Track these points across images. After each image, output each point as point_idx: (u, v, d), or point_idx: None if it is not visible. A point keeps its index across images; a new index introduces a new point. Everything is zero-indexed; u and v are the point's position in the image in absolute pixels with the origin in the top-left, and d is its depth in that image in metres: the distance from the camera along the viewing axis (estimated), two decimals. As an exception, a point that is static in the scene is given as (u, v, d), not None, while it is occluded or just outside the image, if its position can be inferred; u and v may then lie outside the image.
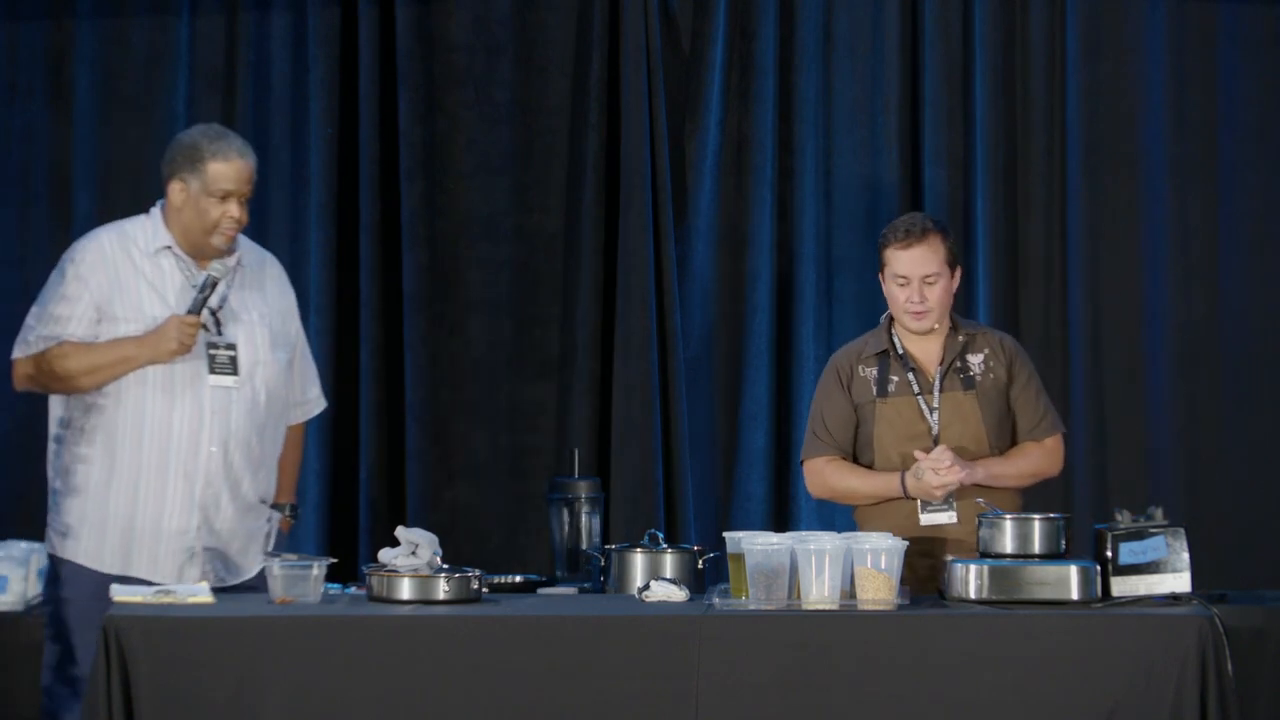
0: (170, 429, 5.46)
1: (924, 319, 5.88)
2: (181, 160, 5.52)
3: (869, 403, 5.91)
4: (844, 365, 5.98)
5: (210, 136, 5.54)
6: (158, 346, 5.43)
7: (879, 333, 5.99)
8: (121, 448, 5.47)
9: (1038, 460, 5.93)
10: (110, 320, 5.47)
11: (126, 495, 5.46)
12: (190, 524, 5.49)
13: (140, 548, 5.46)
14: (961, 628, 5.09)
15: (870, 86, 7.45)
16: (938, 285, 5.88)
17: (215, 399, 5.50)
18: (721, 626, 5.07)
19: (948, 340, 5.94)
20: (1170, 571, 5.30)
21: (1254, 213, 7.36)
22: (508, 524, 7.40)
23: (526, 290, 7.45)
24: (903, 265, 5.88)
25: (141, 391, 5.46)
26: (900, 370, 5.92)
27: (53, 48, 7.41)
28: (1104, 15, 7.38)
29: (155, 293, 5.50)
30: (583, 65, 7.43)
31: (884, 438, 5.89)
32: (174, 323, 5.43)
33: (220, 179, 5.51)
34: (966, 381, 5.90)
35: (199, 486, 5.48)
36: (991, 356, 5.94)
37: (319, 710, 5.01)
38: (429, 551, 5.35)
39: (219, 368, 5.51)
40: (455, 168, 7.45)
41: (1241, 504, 7.30)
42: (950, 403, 5.89)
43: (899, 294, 5.90)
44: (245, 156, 5.56)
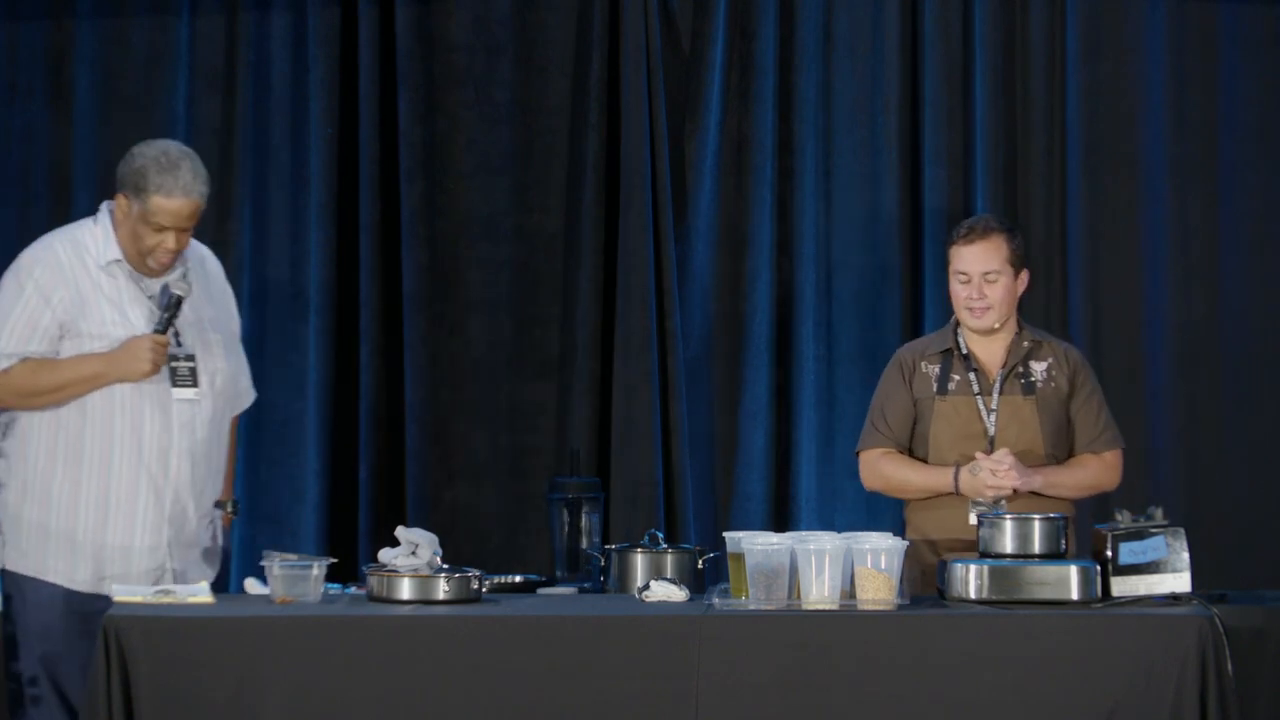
0: (140, 445, 5.44)
1: (983, 316, 5.89)
2: (128, 182, 5.45)
3: (928, 399, 5.92)
4: (908, 360, 6.00)
5: (160, 167, 5.43)
6: (129, 366, 5.38)
7: (946, 331, 6.01)
8: (89, 464, 5.44)
9: (1096, 472, 5.93)
10: (74, 337, 5.42)
11: (96, 513, 5.43)
12: (161, 539, 5.47)
13: (112, 566, 5.43)
14: (961, 628, 5.09)
15: (870, 86, 7.44)
16: (998, 284, 5.89)
17: (180, 412, 5.47)
18: (721, 626, 5.07)
19: (1012, 344, 5.95)
20: (1170, 571, 5.30)
21: (1254, 213, 7.35)
22: (508, 524, 7.39)
23: (526, 290, 7.45)
24: (963, 261, 5.90)
25: (109, 407, 5.43)
26: (962, 370, 5.92)
27: (53, 48, 7.41)
28: (1104, 15, 7.38)
29: (114, 307, 5.46)
30: (583, 65, 7.43)
31: (940, 435, 5.89)
32: (145, 343, 5.38)
33: (159, 213, 5.44)
34: (1027, 387, 5.90)
35: (169, 501, 5.46)
36: (1055, 366, 5.94)
37: (319, 710, 5.01)
38: (429, 551, 5.36)
39: (180, 380, 5.47)
40: (455, 168, 7.44)
41: (1241, 504, 7.30)
42: (1008, 406, 5.88)
43: (960, 291, 5.92)
44: (190, 194, 5.45)
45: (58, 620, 5.39)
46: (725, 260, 7.47)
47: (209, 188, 5.54)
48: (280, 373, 7.39)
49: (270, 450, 7.38)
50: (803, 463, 7.37)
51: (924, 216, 7.40)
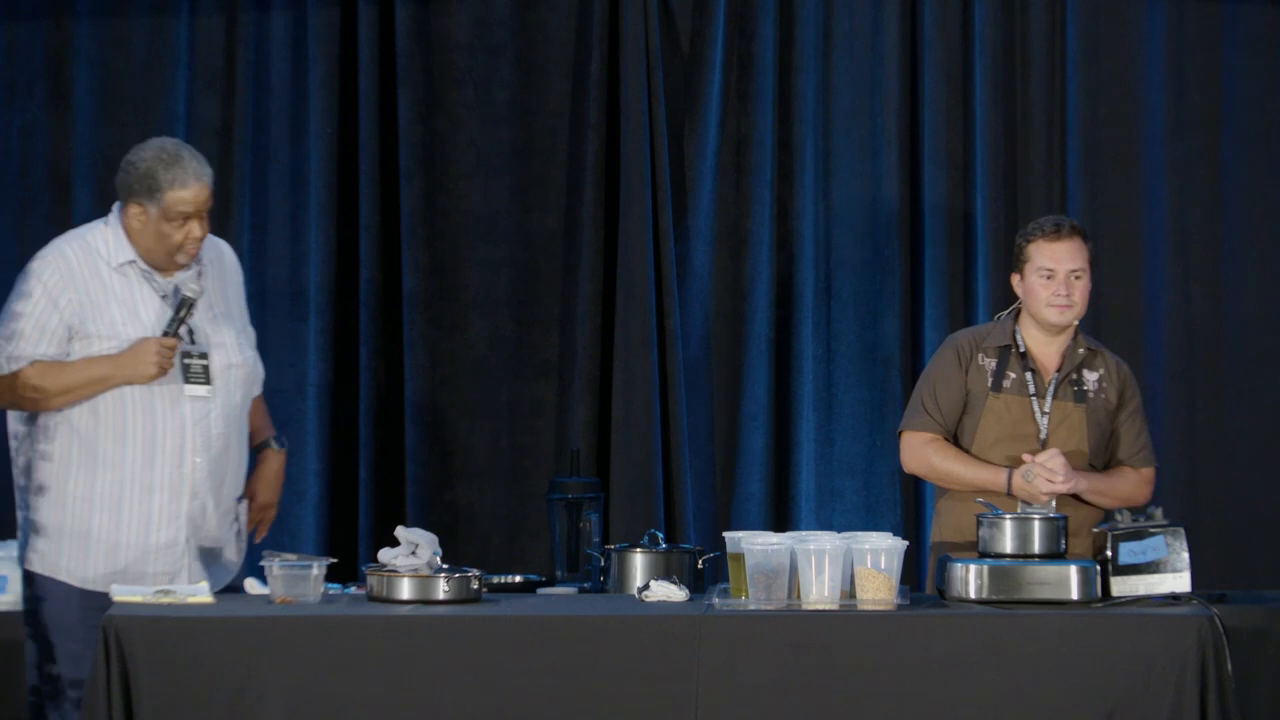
0: (154, 444, 5.44)
1: (1066, 313, 5.86)
2: (139, 188, 5.46)
3: (982, 393, 5.88)
4: (965, 348, 5.93)
5: (165, 163, 5.45)
6: (135, 369, 5.38)
7: (1003, 326, 5.95)
8: (103, 464, 5.44)
9: (1134, 486, 5.90)
10: (83, 338, 5.42)
11: (110, 513, 5.43)
12: (179, 537, 5.47)
13: (127, 565, 5.43)
14: (961, 628, 5.09)
15: (870, 86, 7.45)
16: (1082, 282, 5.87)
17: (194, 410, 5.48)
18: (721, 626, 5.07)
19: (1069, 350, 5.92)
20: (1170, 571, 5.30)
21: (1254, 213, 7.36)
22: (507, 524, 7.40)
23: (526, 290, 7.45)
24: (1050, 258, 5.85)
25: (120, 407, 5.44)
26: (1019, 368, 5.90)
27: (52, 47, 7.41)
28: (1104, 15, 7.38)
29: (125, 309, 5.46)
30: (582, 65, 7.43)
31: (988, 431, 5.85)
32: (152, 345, 5.38)
33: (180, 205, 5.45)
34: (1079, 395, 5.88)
35: (185, 499, 5.46)
36: (1106, 378, 5.92)
37: (319, 710, 5.01)
38: (429, 551, 5.35)
39: (193, 377, 5.48)
40: (455, 167, 7.45)
41: (1241, 504, 7.30)
42: (1060, 411, 5.86)
43: (1042, 288, 5.86)
44: (201, 179, 5.49)
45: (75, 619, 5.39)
46: (725, 260, 7.47)
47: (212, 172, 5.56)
48: (280, 372, 7.39)
49: (270, 450, 7.38)
50: (802, 463, 7.37)
51: (924, 216, 7.40)
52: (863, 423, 7.39)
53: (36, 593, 5.46)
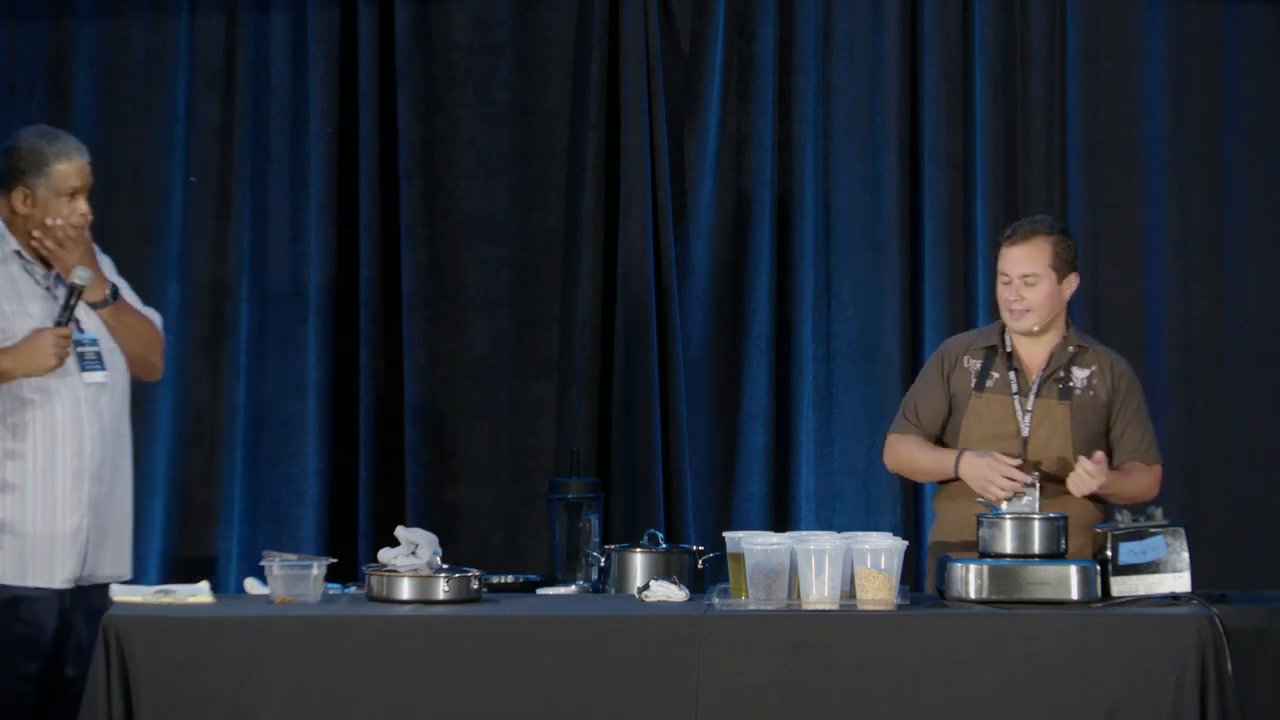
0: (54, 431, 5.44)
1: (1022, 319, 5.87)
2: (24, 166, 5.48)
3: (965, 394, 5.91)
4: (950, 354, 5.99)
5: (46, 140, 5.51)
6: (33, 361, 5.38)
7: (994, 328, 5.99)
8: (3, 456, 5.44)
9: (1146, 481, 5.90)
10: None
11: (13, 503, 5.43)
12: (82, 524, 5.47)
13: (35, 555, 5.43)
14: (961, 628, 5.09)
15: (870, 87, 7.45)
16: (1038, 287, 5.86)
17: (88, 396, 5.48)
18: (721, 626, 5.07)
19: (1056, 348, 5.92)
20: (1170, 571, 5.30)
21: (1255, 213, 7.36)
22: (507, 524, 7.39)
23: (526, 290, 7.45)
24: (1005, 262, 5.89)
25: (19, 399, 5.42)
26: (1003, 368, 5.91)
27: (52, 47, 7.41)
28: (1104, 15, 7.38)
29: (12, 300, 5.48)
30: (582, 65, 7.43)
31: (972, 431, 5.88)
32: (49, 336, 5.38)
33: (68, 178, 5.50)
34: (1064, 392, 5.89)
35: (87, 484, 5.46)
36: (1097, 375, 5.91)
37: (319, 710, 5.01)
38: (429, 551, 5.35)
39: (88, 365, 5.50)
40: (455, 167, 7.45)
41: (1241, 504, 7.30)
42: (1043, 409, 5.87)
43: (1001, 292, 5.91)
44: (84, 153, 5.55)
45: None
46: (725, 260, 7.47)
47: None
48: (280, 373, 7.40)
49: (270, 450, 7.38)
50: (802, 463, 7.37)
51: (923, 217, 7.40)
52: (863, 423, 7.39)
53: None
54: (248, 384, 7.40)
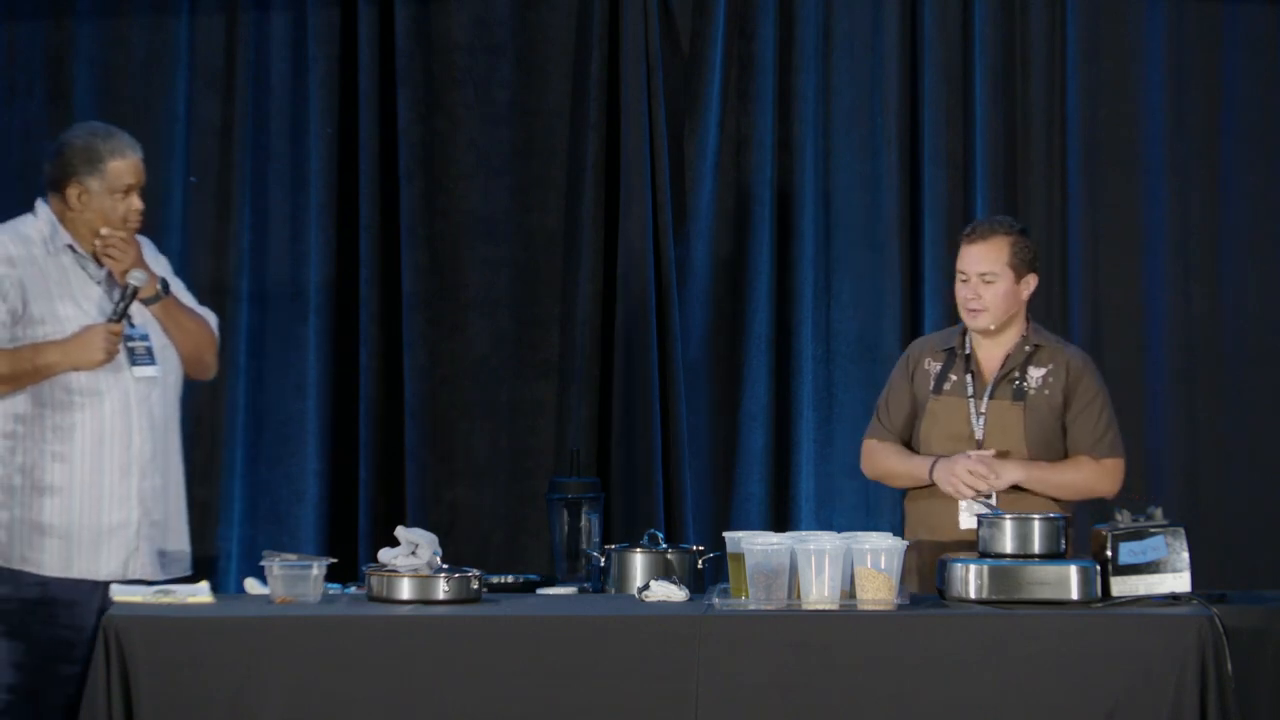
0: (102, 425, 5.45)
1: (978, 317, 5.88)
2: (78, 163, 5.51)
3: (925, 396, 5.92)
4: (914, 356, 6.01)
5: (100, 138, 5.53)
6: (82, 355, 5.41)
7: (958, 329, 5.99)
8: (51, 449, 5.44)
9: (1091, 476, 5.89)
10: (26, 324, 5.45)
11: (60, 497, 5.44)
12: (131, 518, 5.48)
13: (81, 549, 5.44)
14: (961, 628, 5.09)
15: (869, 87, 7.45)
16: (995, 286, 5.86)
17: (138, 390, 5.50)
18: (721, 626, 5.07)
19: (1014, 348, 5.93)
20: (1170, 571, 5.29)
21: (1254, 213, 7.36)
22: (507, 524, 7.40)
23: (526, 290, 7.45)
24: (961, 261, 5.91)
25: (68, 394, 5.44)
26: (960, 370, 5.92)
27: (52, 48, 7.41)
28: (1104, 15, 7.38)
29: (65, 294, 5.49)
30: (582, 65, 7.43)
31: (930, 434, 5.90)
32: (100, 332, 5.41)
33: (122, 174, 5.52)
34: (1017, 392, 5.89)
35: (135, 478, 5.47)
36: (1053, 374, 5.91)
37: (319, 710, 5.01)
38: (429, 551, 5.35)
39: (139, 360, 5.51)
40: (455, 167, 7.45)
41: (1241, 504, 7.30)
42: (996, 411, 5.87)
43: (958, 290, 5.92)
44: (137, 149, 5.57)
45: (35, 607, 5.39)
46: (725, 260, 7.47)
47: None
48: (280, 373, 7.40)
49: (270, 450, 7.38)
50: (802, 463, 7.37)
51: (923, 217, 7.40)
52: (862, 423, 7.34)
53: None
54: (248, 384, 7.40)
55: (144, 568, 5.49)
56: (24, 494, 5.43)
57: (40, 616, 5.37)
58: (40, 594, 5.38)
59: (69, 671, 5.34)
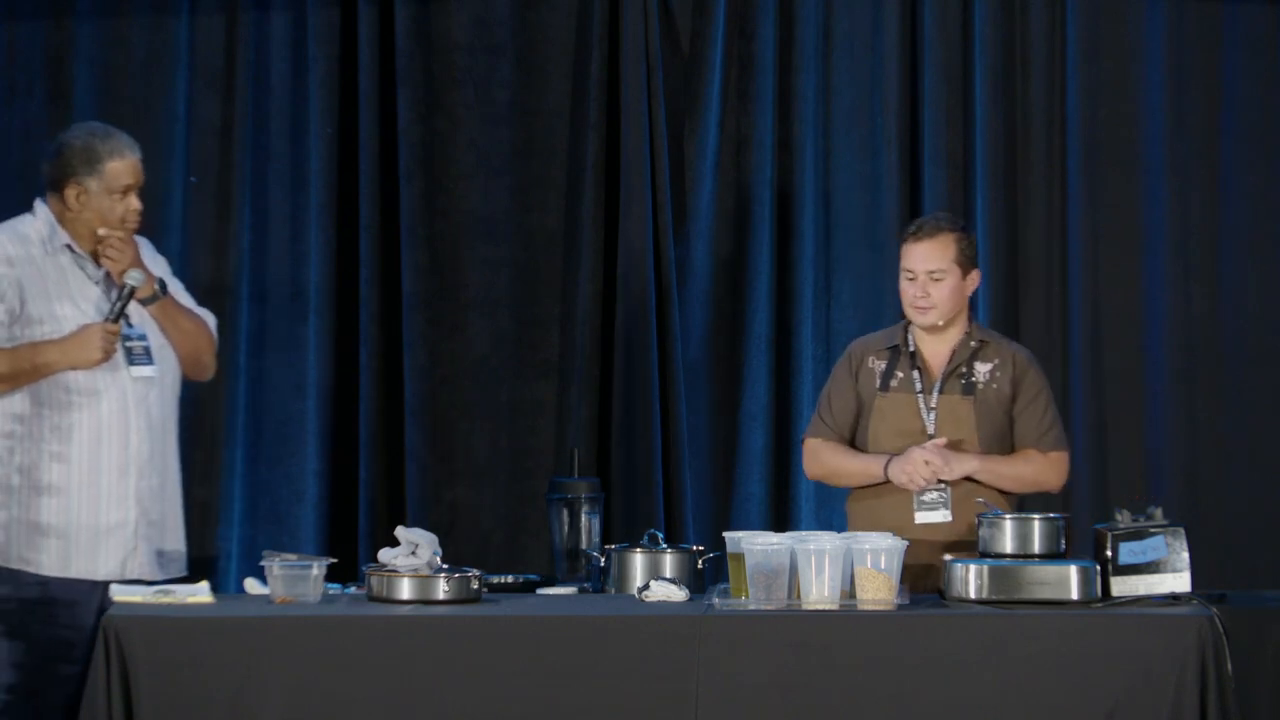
0: (100, 426, 5.46)
1: (926, 314, 5.91)
2: (77, 163, 5.51)
3: (871, 395, 5.94)
4: (857, 354, 6.03)
5: (99, 138, 5.54)
6: (81, 355, 5.42)
7: (898, 328, 6.02)
8: (49, 448, 5.45)
9: (1039, 468, 5.92)
10: (24, 323, 5.45)
11: (58, 496, 5.44)
12: (129, 517, 5.48)
13: (79, 549, 5.44)
14: (961, 628, 5.09)
15: (869, 87, 7.44)
16: (943, 283, 5.89)
17: (136, 390, 5.50)
18: (721, 626, 5.07)
19: (959, 344, 5.95)
20: (1170, 571, 5.29)
21: (1254, 213, 7.35)
22: (507, 524, 7.39)
23: (526, 290, 7.45)
24: (909, 259, 5.92)
25: (66, 393, 5.44)
26: (906, 367, 5.94)
27: (52, 48, 7.41)
28: (1104, 15, 7.38)
29: (63, 294, 5.50)
30: (582, 65, 7.43)
31: (879, 431, 5.92)
32: (97, 331, 5.42)
33: (120, 175, 5.53)
34: (967, 387, 5.91)
35: (133, 478, 5.47)
36: (1000, 368, 5.94)
37: (319, 710, 5.01)
38: (429, 551, 5.35)
39: (136, 359, 5.52)
40: (455, 168, 7.44)
41: (1241, 504, 7.30)
42: (947, 406, 5.90)
43: (905, 288, 5.93)
44: (135, 150, 5.58)
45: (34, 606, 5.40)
46: (725, 260, 7.47)
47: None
48: (280, 373, 7.40)
49: (270, 450, 7.38)
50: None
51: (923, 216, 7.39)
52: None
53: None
54: (248, 384, 7.40)
55: (142, 568, 5.49)
56: (22, 494, 5.43)
57: (40, 616, 5.38)
58: (40, 594, 5.39)
59: (68, 671, 5.34)
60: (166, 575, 5.57)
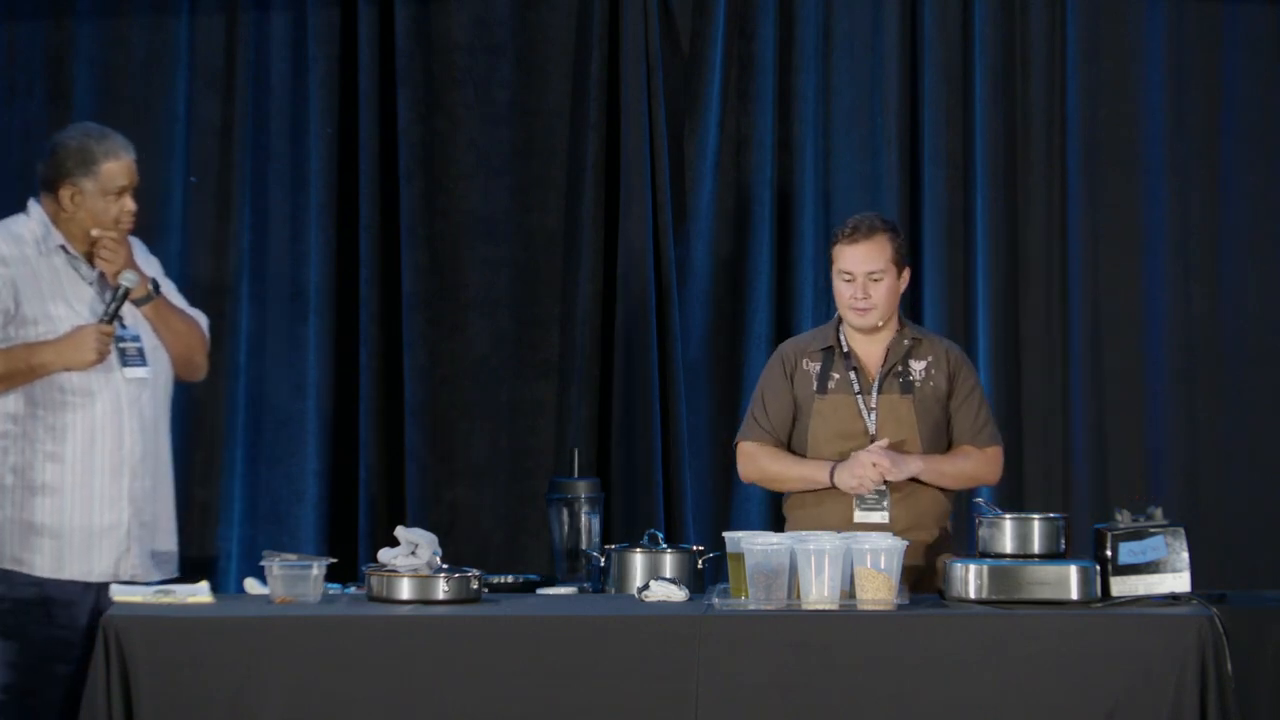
0: (94, 427, 5.46)
1: (867, 315, 5.91)
2: (72, 164, 5.51)
3: (809, 397, 5.94)
4: (789, 357, 6.02)
5: (94, 139, 5.54)
6: (75, 355, 5.42)
7: (828, 329, 6.02)
8: (43, 449, 5.45)
9: (978, 464, 5.95)
10: (19, 324, 5.46)
11: (52, 497, 5.44)
12: (122, 519, 5.48)
13: (72, 550, 5.44)
14: (961, 628, 5.09)
15: (869, 86, 7.44)
16: (882, 283, 5.90)
17: (129, 391, 5.50)
18: (721, 626, 5.07)
19: (893, 343, 5.96)
20: (1170, 571, 5.29)
21: (1254, 214, 7.35)
22: (507, 524, 7.39)
23: (526, 290, 7.45)
24: (848, 261, 5.91)
25: (61, 394, 5.45)
26: (842, 368, 5.94)
27: (52, 48, 7.41)
28: (1104, 15, 7.38)
29: (58, 295, 5.50)
30: (582, 65, 7.43)
31: (819, 433, 5.92)
32: (92, 332, 5.42)
33: (115, 176, 5.53)
34: (905, 386, 5.92)
35: (126, 479, 5.47)
36: (934, 364, 5.96)
37: (318, 710, 5.01)
38: (428, 551, 5.36)
39: (130, 360, 5.52)
40: (455, 167, 7.44)
41: (1241, 504, 7.30)
42: (887, 405, 5.91)
43: (844, 290, 5.92)
44: (130, 151, 5.58)
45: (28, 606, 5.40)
46: (725, 260, 7.47)
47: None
48: (280, 373, 7.40)
49: (270, 450, 7.38)
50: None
51: (923, 217, 7.40)
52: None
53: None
54: (248, 384, 7.40)
55: (135, 568, 5.49)
56: (16, 494, 5.44)
57: (35, 616, 5.38)
58: (35, 594, 5.39)
59: (64, 671, 5.35)
60: (159, 576, 5.57)
